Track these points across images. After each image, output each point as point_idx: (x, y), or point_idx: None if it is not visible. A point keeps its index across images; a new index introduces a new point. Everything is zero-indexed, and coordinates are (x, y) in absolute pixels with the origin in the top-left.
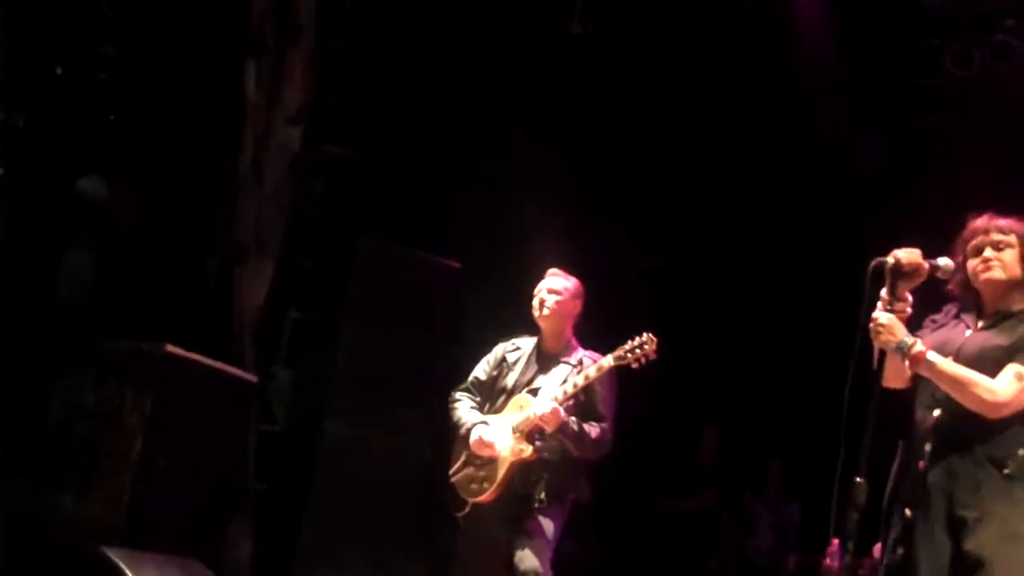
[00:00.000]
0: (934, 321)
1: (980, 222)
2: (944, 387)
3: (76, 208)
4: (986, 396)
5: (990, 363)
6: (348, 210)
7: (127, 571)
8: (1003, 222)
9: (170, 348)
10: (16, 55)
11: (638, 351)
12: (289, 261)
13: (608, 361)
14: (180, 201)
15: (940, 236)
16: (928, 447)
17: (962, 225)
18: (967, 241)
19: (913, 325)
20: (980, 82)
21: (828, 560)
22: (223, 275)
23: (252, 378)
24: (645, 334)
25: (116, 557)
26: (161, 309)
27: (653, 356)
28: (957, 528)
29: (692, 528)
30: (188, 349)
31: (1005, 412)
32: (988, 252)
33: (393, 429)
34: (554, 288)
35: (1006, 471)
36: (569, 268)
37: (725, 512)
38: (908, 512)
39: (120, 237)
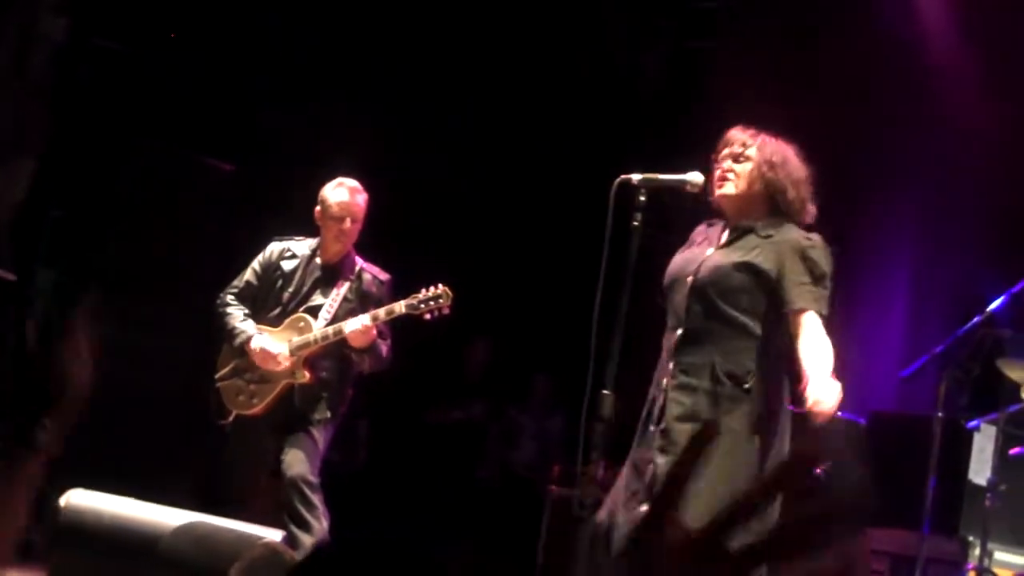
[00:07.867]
0: (691, 239)
1: (729, 133)
2: None
3: None
4: None
5: (723, 280)
6: (116, 106)
7: None
8: (746, 132)
9: None
10: None
11: (432, 303)
12: (52, 158)
13: (400, 308)
14: None
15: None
16: (672, 365)
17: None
18: (717, 152)
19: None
20: (754, 5)
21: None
22: None
23: (11, 276)
24: (441, 287)
25: None
26: None
27: (447, 311)
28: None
29: (460, 439)
30: None
31: None
32: (727, 163)
33: (157, 331)
34: (357, 216)
35: (746, 386)
36: (348, 172)
37: (492, 423)
38: (653, 427)
39: None
